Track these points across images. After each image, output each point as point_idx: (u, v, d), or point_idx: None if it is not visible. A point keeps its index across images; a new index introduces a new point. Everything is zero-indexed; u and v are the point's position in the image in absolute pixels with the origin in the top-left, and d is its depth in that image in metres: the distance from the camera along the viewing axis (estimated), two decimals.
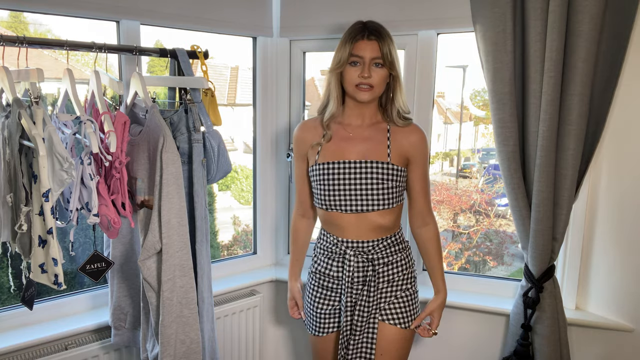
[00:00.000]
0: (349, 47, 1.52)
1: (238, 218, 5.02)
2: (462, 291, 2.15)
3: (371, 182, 1.56)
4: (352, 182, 1.57)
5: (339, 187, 1.58)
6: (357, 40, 1.52)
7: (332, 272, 1.66)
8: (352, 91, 1.55)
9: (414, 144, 1.61)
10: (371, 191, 1.57)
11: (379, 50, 1.51)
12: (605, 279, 1.89)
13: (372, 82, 1.52)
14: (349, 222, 1.60)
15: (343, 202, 1.58)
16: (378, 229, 1.60)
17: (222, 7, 2.05)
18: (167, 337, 1.51)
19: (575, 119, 1.67)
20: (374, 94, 1.55)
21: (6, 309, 1.75)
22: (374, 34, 1.52)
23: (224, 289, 2.19)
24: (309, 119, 1.73)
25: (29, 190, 1.34)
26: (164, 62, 1.83)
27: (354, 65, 1.53)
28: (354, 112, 1.62)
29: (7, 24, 2.94)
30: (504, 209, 4.97)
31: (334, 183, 1.58)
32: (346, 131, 1.63)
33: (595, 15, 1.59)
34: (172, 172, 1.46)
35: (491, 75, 1.74)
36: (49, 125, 1.28)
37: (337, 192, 1.58)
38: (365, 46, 1.51)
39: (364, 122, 1.63)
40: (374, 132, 1.62)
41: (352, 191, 1.57)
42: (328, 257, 1.67)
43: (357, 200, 1.57)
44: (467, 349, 2.12)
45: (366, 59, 1.51)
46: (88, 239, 2.26)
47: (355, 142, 1.61)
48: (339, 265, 1.65)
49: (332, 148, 1.62)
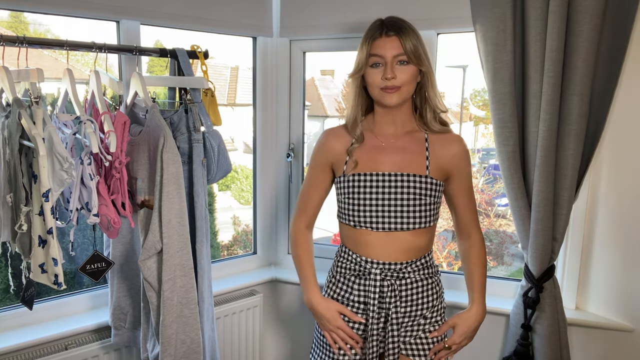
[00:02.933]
0: (367, 47, 1.37)
1: (238, 218, 5.03)
2: (462, 291, 2.15)
3: (407, 198, 1.39)
4: (386, 197, 1.40)
5: (370, 202, 1.41)
6: (375, 38, 1.37)
7: (354, 297, 1.46)
8: (377, 95, 1.39)
9: (456, 156, 1.45)
10: (407, 207, 1.40)
11: (400, 47, 1.35)
12: (605, 279, 1.89)
13: (397, 83, 1.35)
14: (378, 241, 1.42)
15: (374, 219, 1.41)
16: (410, 250, 1.43)
17: (222, 7, 2.05)
18: (168, 337, 1.51)
19: (575, 119, 1.67)
20: (402, 96, 1.38)
21: (6, 309, 1.75)
22: (392, 29, 1.36)
23: (224, 289, 2.18)
24: (337, 126, 1.54)
25: (29, 190, 1.34)
26: (164, 62, 1.83)
27: (376, 67, 1.37)
28: (385, 119, 1.45)
29: (7, 24, 2.94)
30: (504, 209, 4.98)
31: (364, 197, 1.41)
32: (378, 140, 1.45)
33: (595, 15, 1.59)
34: (172, 172, 1.46)
35: (491, 75, 1.74)
36: (49, 125, 1.28)
37: (367, 208, 1.41)
38: (384, 44, 1.36)
39: (397, 130, 1.45)
40: (410, 141, 1.45)
41: (384, 207, 1.40)
42: (349, 280, 1.48)
43: (391, 217, 1.40)
44: (467, 349, 2.12)
45: (387, 58, 1.35)
46: (87, 239, 2.26)
47: (389, 153, 1.44)
48: (360, 288, 1.45)
49: (364, 158, 1.44)
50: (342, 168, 1.46)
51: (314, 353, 1.57)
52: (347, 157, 1.45)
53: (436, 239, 5.05)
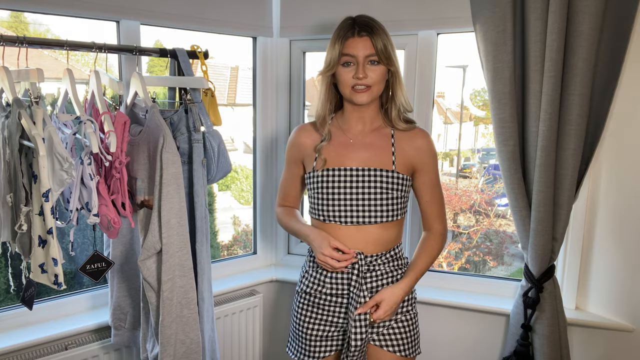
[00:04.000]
0: (339, 46, 1.40)
1: (238, 218, 5.02)
2: (462, 291, 2.15)
3: (374, 192, 1.44)
4: (354, 192, 1.45)
5: (338, 197, 1.45)
6: (347, 38, 1.40)
7: (326, 289, 1.51)
8: (348, 94, 1.43)
9: (419, 150, 1.49)
10: (374, 202, 1.44)
11: (372, 47, 1.38)
12: (605, 279, 1.89)
13: (368, 82, 1.40)
14: (348, 235, 1.46)
15: (342, 213, 1.46)
16: (379, 243, 1.47)
17: (222, 7, 2.05)
18: (167, 337, 1.51)
19: (575, 119, 1.67)
20: (372, 95, 1.43)
21: (6, 309, 1.75)
22: (364, 29, 1.39)
23: (224, 289, 2.18)
24: (307, 123, 1.61)
25: (29, 190, 1.34)
26: (164, 62, 1.83)
27: (347, 66, 1.41)
28: (354, 116, 1.50)
29: (7, 24, 2.94)
30: (504, 209, 4.98)
31: (333, 192, 1.46)
32: (346, 137, 1.51)
33: (595, 15, 1.59)
34: (172, 172, 1.46)
35: (491, 75, 1.74)
36: (49, 125, 1.28)
37: (335, 202, 1.46)
38: (356, 44, 1.39)
39: (365, 127, 1.50)
40: (376, 137, 1.49)
41: (352, 201, 1.45)
42: (320, 274, 1.52)
43: (359, 211, 1.45)
44: (467, 349, 2.12)
45: (359, 58, 1.39)
46: (87, 239, 2.26)
47: (357, 149, 1.48)
48: (332, 282, 1.50)
49: (332, 155, 1.49)
50: (311, 164, 1.52)
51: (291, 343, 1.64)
52: (316, 154, 1.51)
53: None
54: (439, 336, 2.13)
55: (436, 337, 2.14)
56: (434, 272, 2.21)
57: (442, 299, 2.08)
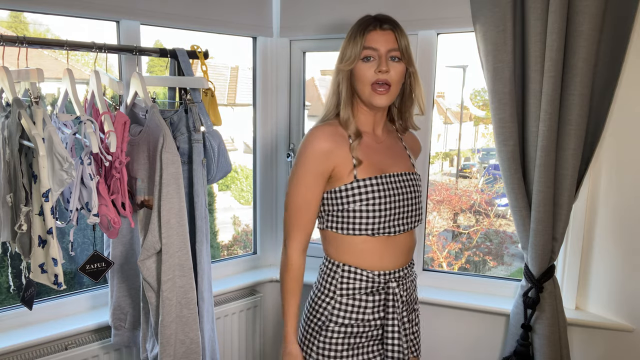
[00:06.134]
0: (361, 39, 1.29)
1: (238, 218, 5.03)
2: (462, 291, 2.15)
3: (414, 196, 1.39)
4: (402, 197, 1.36)
5: (392, 205, 1.33)
6: (369, 31, 1.30)
7: (367, 316, 1.35)
8: (367, 94, 1.31)
9: (418, 151, 1.57)
10: (417, 205, 1.40)
11: (395, 42, 1.30)
12: (605, 279, 1.89)
13: (390, 78, 1.29)
14: (398, 244, 1.36)
15: (396, 222, 1.34)
16: (412, 249, 1.43)
17: (222, 7, 2.05)
18: (167, 337, 1.51)
19: (575, 119, 1.67)
20: (391, 97, 1.33)
21: (6, 309, 1.75)
22: (388, 23, 1.31)
23: (224, 289, 2.18)
24: (323, 124, 1.37)
25: (29, 190, 1.34)
26: (164, 62, 1.83)
27: (367, 61, 1.30)
28: (369, 120, 1.39)
29: (7, 24, 2.94)
30: (504, 209, 4.98)
31: (386, 201, 1.32)
32: (371, 140, 1.39)
33: (595, 15, 1.59)
34: (171, 172, 1.46)
35: (491, 75, 1.74)
36: (49, 125, 1.28)
37: (390, 212, 1.33)
38: (379, 37, 1.29)
39: (382, 130, 1.42)
40: (392, 140, 1.44)
41: (403, 207, 1.36)
42: (360, 300, 1.35)
43: (409, 217, 1.37)
44: (467, 349, 2.12)
45: (382, 51, 1.28)
46: (87, 239, 2.27)
47: (382, 152, 1.38)
48: (375, 305, 1.35)
49: (374, 159, 1.36)
50: (347, 173, 1.32)
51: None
52: (353, 160, 1.32)
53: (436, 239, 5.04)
54: (439, 336, 2.13)
55: (436, 337, 2.14)
56: (434, 272, 2.21)
57: (442, 299, 2.08)
